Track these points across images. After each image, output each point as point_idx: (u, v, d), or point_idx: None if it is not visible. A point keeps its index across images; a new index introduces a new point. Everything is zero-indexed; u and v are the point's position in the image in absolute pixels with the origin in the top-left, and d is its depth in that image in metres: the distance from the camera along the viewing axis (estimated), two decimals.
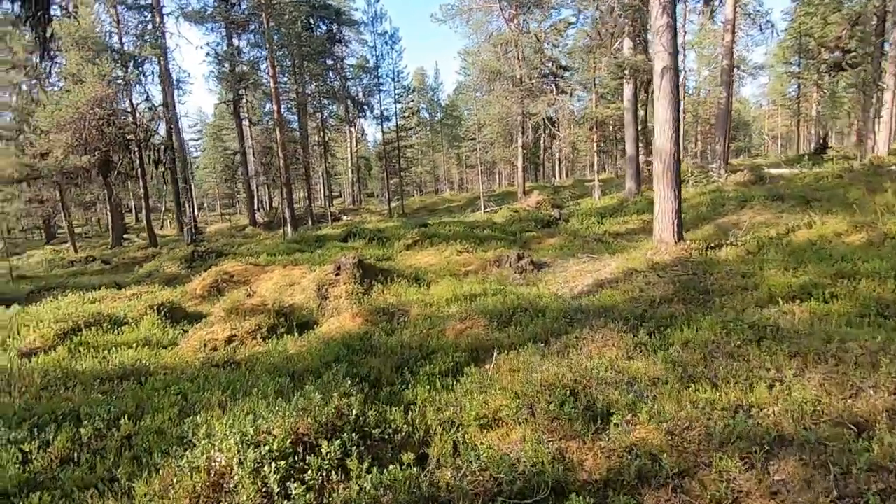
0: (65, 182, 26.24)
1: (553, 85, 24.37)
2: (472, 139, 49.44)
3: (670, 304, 6.61)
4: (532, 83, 25.03)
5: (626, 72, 16.41)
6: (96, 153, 22.48)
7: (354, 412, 3.44)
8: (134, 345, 6.98)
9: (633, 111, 17.63)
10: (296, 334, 6.94)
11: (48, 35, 9.64)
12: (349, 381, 4.30)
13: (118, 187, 26.42)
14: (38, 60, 12.00)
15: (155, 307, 8.23)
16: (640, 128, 18.30)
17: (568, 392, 3.93)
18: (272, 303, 7.72)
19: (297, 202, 39.46)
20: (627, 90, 17.55)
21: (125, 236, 36.92)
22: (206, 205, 59.46)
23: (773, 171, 24.37)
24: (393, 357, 5.34)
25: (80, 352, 6.61)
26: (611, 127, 30.49)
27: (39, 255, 29.21)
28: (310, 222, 27.84)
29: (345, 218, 31.63)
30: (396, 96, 34.13)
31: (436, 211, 36.88)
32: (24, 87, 25.22)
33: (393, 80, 33.57)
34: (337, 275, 8.66)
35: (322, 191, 55.15)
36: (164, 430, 3.82)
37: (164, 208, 50.04)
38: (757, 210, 13.76)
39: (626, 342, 5.06)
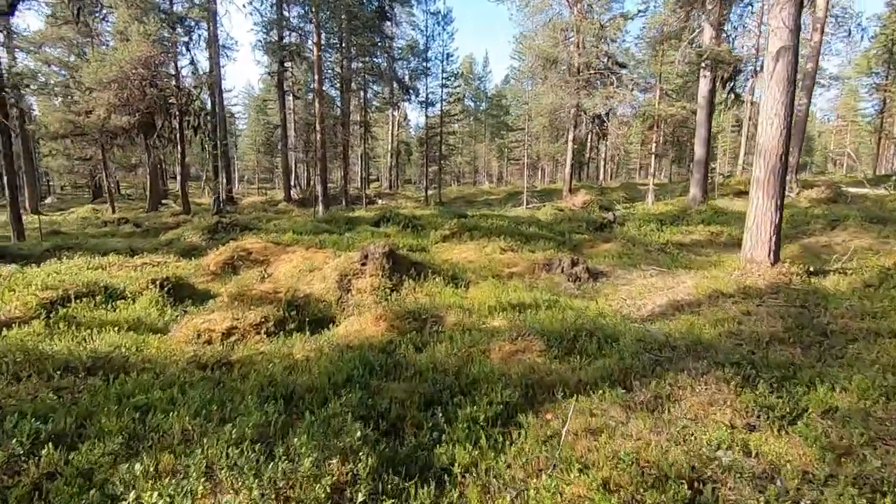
0: (106, 142, 26.21)
1: (614, 77, 22.45)
2: (519, 129, 47.69)
3: (783, 347, 5.09)
4: (590, 74, 23.18)
5: (705, 64, 14.52)
6: (137, 114, 22.08)
7: (360, 497, 2.20)
8: (123, 325, 6.00)
9: (707, 110, 15.70)
10: (307, 333, 5.79)
11: None
12: (360, 424, 3.07)
13: (159, 151, 26.15)
14: (78, 10, 11.43)
15: (158, 282, 7.25)
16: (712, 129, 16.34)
17: (685, 488, 2.58)
18: (286, 290, 6.60)
19: (333, 182, 38.80)
20: (703, 85, 15.62)
21: (164, 201, 37.15)
22: (246, 177, 59.78)
23: (853, 189, 21.84)
24: (422, 384, 4.09)
25: (59, 328, 5.65)
26: (671, 128, 28.22)
27: (80, 213, 29.54)
28: (344, 203, 26.96)
29: (380, 202, 30.66)
30: (443, 80, 32.74)
31: (473, 202, 35.49)
32: (75, 43, 25.17)
33: (441, 61, 32.18)
34: (363, 264, 7.47)
35: (360, 172, 54.57)
36: (93, 473, 2.69)
37: (204, 177, 50.36)
38: (852, 232, 11.81)
39: (743, 401, 3.65)
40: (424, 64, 33.16)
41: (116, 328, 5.87)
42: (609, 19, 24.71)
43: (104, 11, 21.48)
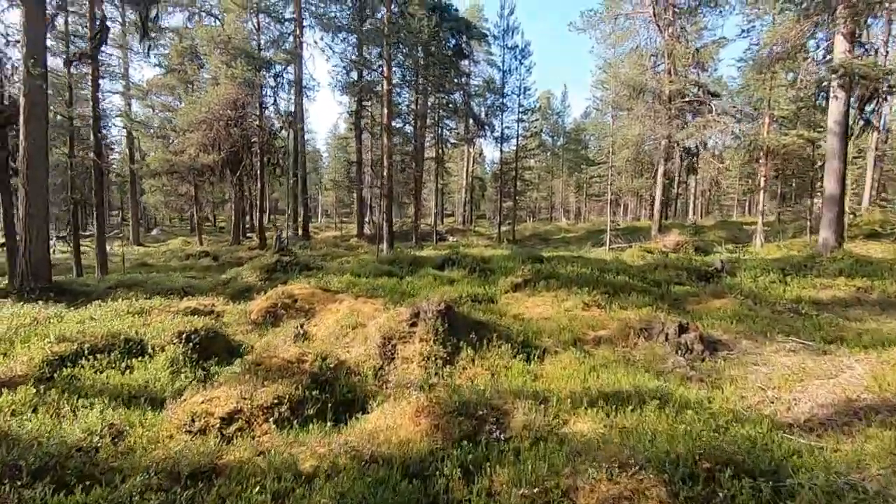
0: (197, 178, 27.85)
1: (712, 105, 19.99)
2: (601, 163, 45.23)
3: None
4: (683, 102, 20.89)
5: (840, 81, 11.97)
6: (223, 153, 23.09)
7: None
8: (125, 392, 5.05)
9: (841, 137, 12.92)
10: (328, 423, 4.45)
11: (149, 15, 8.60)
12: None
13: (243, 187, 27.31)
14: (138, 40, 11.79)
15: (185, 334, 6.37)
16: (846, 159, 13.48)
17: None
18: (315, 357, 5.36)
19: (408, 216, 38.68)
20: (834, 107, 12.93)
21: (249, 234, 39.10)
22: (328, 212, 62.07)
23: None
24: None
25: (50, 395, 4.79)
26: (779, 160, 24.71)
27: (173, 245, 31.52)
28: (414, 239, 26.25)
29: (451, 238, 29.71)
30: (520, 114, 31.70)
31: (549, 240, 33.47)
32: (176, 89, 27.32)
33: (518, 95, 31.25)
34: (413, 325, 6.10)
35: (433, 208, 54.62)
36: None
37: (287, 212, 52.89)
38: None
39: None
40: (501, 100, 32.44)
41: (115, 398, 4.93)
42: (703, 45, 22.42)
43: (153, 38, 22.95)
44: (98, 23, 10.43)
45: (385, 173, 17.20)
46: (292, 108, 27.33)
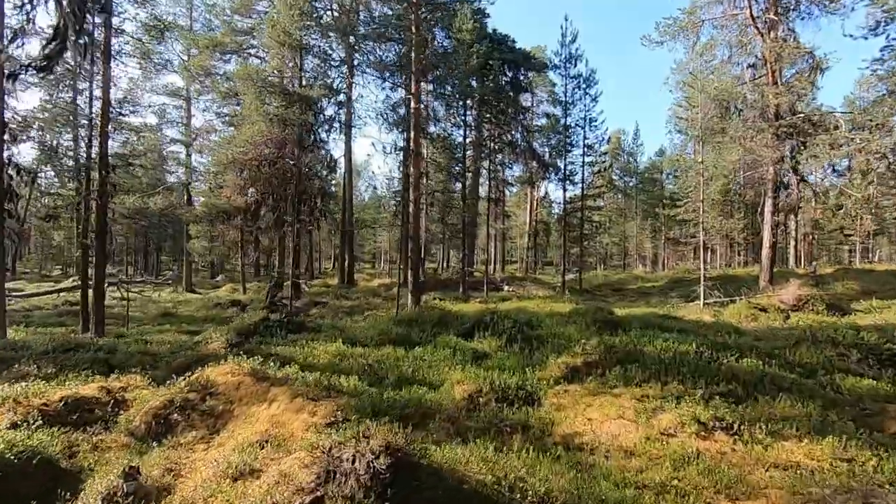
0: (245, 223, 26.76)
1: (839, 119, 15.42)
2: (682, 201, 39.96)
3: None
4: (796, 118, 16.44)
5: None
6: (257, 194, 21.57)
7: None
8: None
9: None
10: None
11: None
12: None
13: (279, 232, 25.75)
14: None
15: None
16: None
17: None
18: None
19: (458, 264, 35.44)
20: None
21: (299, 281, 37.61)
22: (379, 256, 60.69)
23: None
24: None
25: None
26: None
27: (221, 292, 30.49)
28: (461, 289, 22.88)
29: (506, 288, 26.02)
30: (585, 148, 28.14)
31: (623, 291, 28.72)
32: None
33: (583, 128, 27.80)
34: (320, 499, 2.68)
35: (492, 254, 51.27)
36: None
37: (333, 255, 51.85)
38: None
39: None
40: (565, 136, 29.18)
41: None
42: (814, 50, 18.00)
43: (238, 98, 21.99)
44: (56, 29, 8.62)
45: (411, 208, 14.09)
46: (335, 148, 25.71)
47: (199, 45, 24.56)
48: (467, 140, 24.32)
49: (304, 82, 22.42)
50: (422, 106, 26.44)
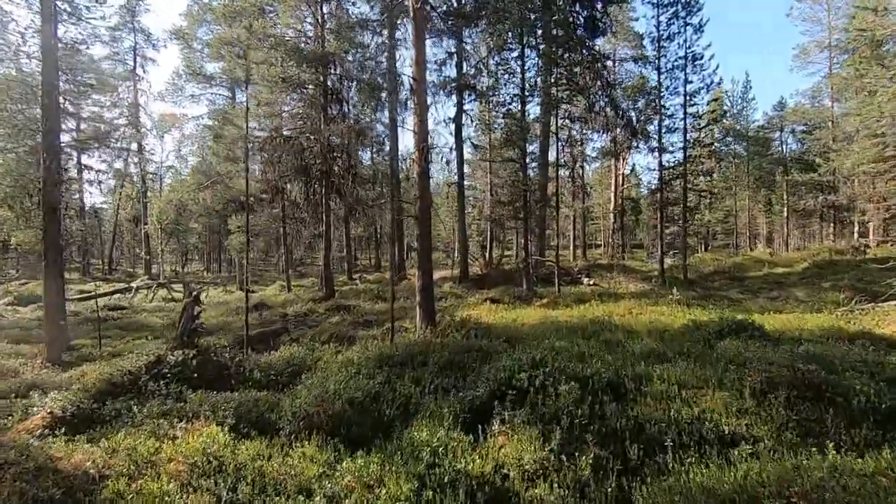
0: (287, 216, 23.91)
1: None
2: (816, 161, 31.06)
3: None
4: None
5: None
6: (277, 176, 18.20)
7: None
8: None
9: None
10: None
11: None
12: None
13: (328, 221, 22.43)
14: None
15: None
16: None
17: None
18: None
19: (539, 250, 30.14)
20: None
21: (355, 276, 35.02)
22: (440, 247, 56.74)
23: None
24: None
25: None
26: None
27: (269, 291, 28.16)
28: (525, 284, 17.94)
29: (586, 281, 20.59)
30: (687, 97, 21.55)
31: (745, 281, 21.96)
32: None
33: (683, 70, 21.26)
34: None
35: (571, 238, 45.06)
36: None
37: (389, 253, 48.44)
38: None
39: None
40: (656, 100, 22.65)
41: None
42: None
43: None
44: None
45: (415, 172, 9.17)
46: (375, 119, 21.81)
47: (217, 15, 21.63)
48: (527, 98, 19.00)
49: (324, 38, 18.52)
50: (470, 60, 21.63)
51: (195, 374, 5.74)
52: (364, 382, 5.21)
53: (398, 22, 21.69)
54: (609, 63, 29.81)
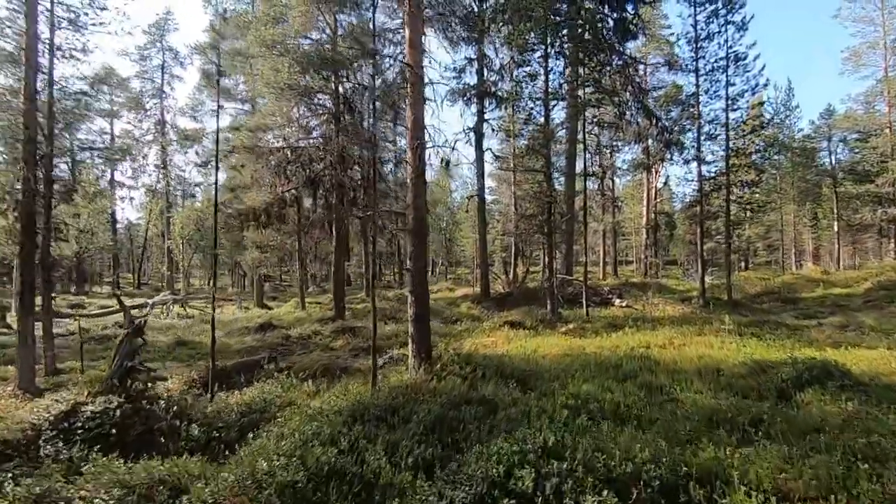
0: (303, 230, 23.04)
1: None
2: (877, 167, 28.21)
3: None
4: None
5: None
6: (286, 188, 17.28)
7: None
8: None
9: None
10: None
11: None
12: None
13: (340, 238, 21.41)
14: None
15: None
16: None
17: None
18: None
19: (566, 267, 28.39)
20: None
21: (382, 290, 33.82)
22: (464, 262, 55.31)
23: None
24: None
25: None
26: None
27: (286, 307, 27.24)
28: (548, 304, 16.26)
29: (617, 302, 18.72)
30: (729, 102, 19.66)
31: (798, 303, 19.67)
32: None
33: (725, 70, 19.44)
34: None
35: (601, 255, 42.83)
36: None
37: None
38: None
39: None
40: (691, 108, 20.77)
41: None
42: None
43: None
44: None
45: (410, 193, 7.61)
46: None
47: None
48: (550, 103, 17.52)
49: (337, 44, 17.65)
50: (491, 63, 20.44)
51: (115, 432, 4.47)
52: (318, 452, 3.84)
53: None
54: (640, 68, 28.09)
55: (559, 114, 19.88)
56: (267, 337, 15.94)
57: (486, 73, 21.49)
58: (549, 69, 16.46)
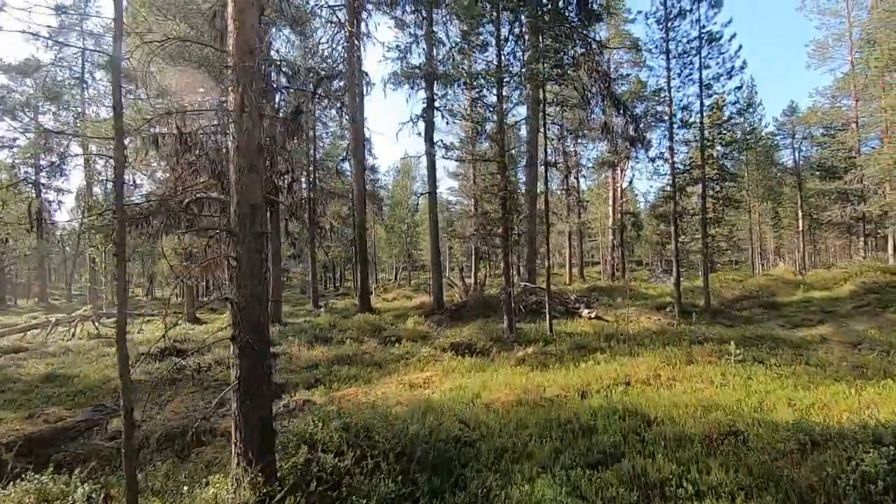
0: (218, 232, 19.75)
1: None
2: (844, 163, 27.11)
3: None
4: None
5: None
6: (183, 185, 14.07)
7: None
8: None
9: None
10: None
11: None
12: None
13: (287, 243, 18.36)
14: None
15: None
16: None
17: None
18: None
19: (530, 271, 26.13)
20: None
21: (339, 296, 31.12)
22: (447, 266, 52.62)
23: None
24: None
25: None
26: None
27: (218, 323, 23.81)
28: (506, 321, 13.68)
29: (585, 312, 16.36)
30: (703, 87, 17.73)
31: (781, 308, 17.88)
32: None
33: (698, 52, 17.50)
34: None
35: (567, 257, 40.94)
36: None
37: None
38: None
39: None
40: (668, 71, 18.77)
41: None
42: None
43: None
44: None
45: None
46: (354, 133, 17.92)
47: None
48: (503, 92, 14.99)
49: None
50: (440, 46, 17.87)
51: None
52: None
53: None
54: (605, 61, 26.11)
55: (515, 95, 17.44)
56: (159, 367, 12.74)
57: (435, 53, 18.94)
58: (500, 38, 13.96)
